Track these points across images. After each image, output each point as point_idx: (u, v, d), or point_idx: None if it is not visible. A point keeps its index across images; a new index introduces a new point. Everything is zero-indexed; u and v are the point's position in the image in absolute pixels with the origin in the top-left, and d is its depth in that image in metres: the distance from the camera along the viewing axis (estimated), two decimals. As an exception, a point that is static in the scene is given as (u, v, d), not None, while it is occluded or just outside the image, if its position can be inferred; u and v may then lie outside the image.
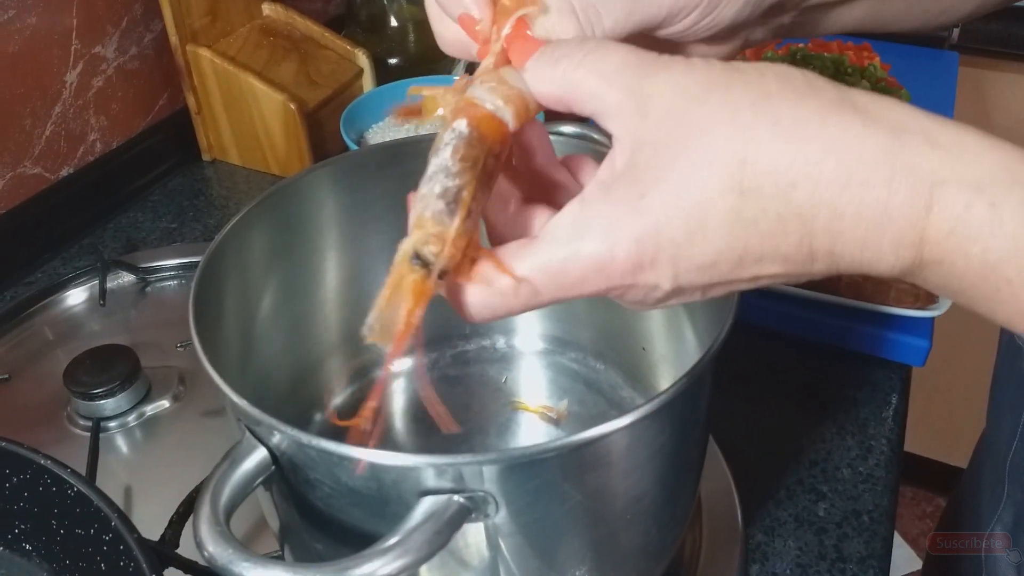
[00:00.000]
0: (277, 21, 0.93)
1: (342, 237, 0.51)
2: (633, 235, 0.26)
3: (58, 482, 0.44)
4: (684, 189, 0.26)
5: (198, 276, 0.39)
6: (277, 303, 0.48)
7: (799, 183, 0.25)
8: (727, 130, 0.26)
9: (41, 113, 0.76)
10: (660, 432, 0.38)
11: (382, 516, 0.34)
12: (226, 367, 0.38)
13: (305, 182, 0.47)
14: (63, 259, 0.77)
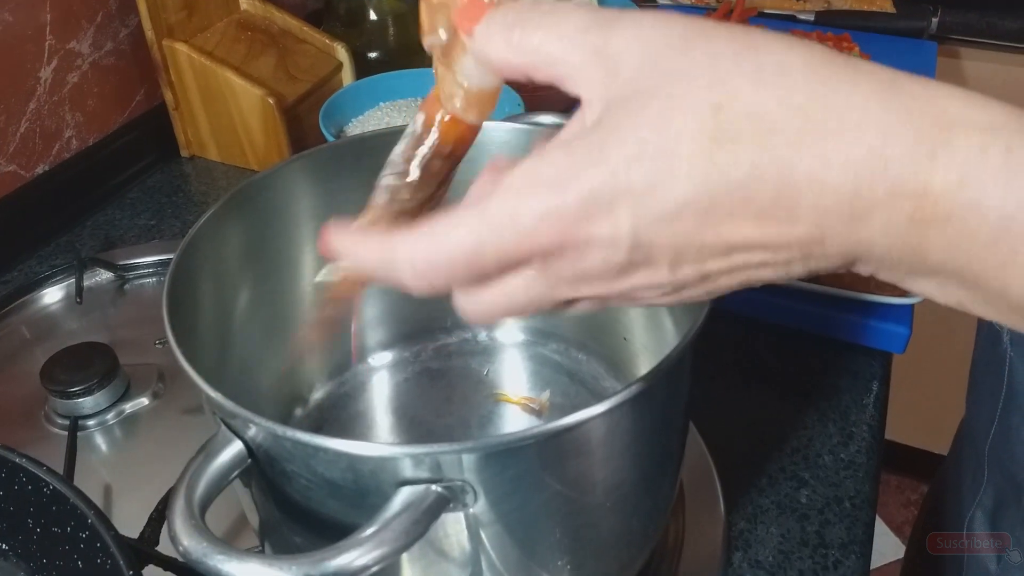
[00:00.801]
0: (255, 15, 0.92)
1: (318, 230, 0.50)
2: (588, 180, 0.24)
3: (34, 480, 0.43)
4: (649, 135, 0.23)
5: (171, 271, 0.38)
6: (254, 298, 0.47)
7: (779, 129, 0.23)
8: (704, 79, 0.23)
9: (15, 110, 0.75)
10: (638, 419, 0.38)
11: (360, 507, 0.34)
12: (202, 363, 0.37)
13: (279, 175, 0.47)
14: (39, 258, 0.76)
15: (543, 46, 0.25)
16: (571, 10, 0.25)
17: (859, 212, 0.23)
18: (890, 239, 0.23)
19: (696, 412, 0.58)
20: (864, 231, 0.23)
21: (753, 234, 0.24)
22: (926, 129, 0.22)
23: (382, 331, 0.58)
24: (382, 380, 0.58)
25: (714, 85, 0.23)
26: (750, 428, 0.61)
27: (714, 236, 0.24)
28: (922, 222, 0.23)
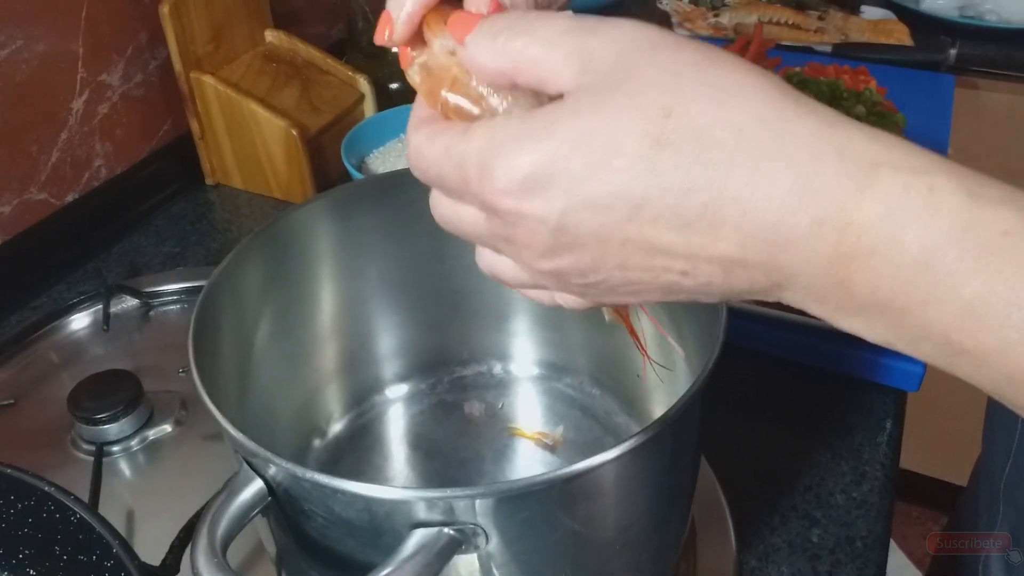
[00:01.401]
0: (280, 47, 0.94)
1: (338, 266, 0.52)
2: (531, 154, 0.25)
3: (61, 509, 0.45)
4: (599, 125, 0.25)
5: (197, 312, 0.40)
6: (274, 333, 0.49)
7: (718, 144, 0.24)
8: (663, 84, 0.25)
9: (47, 140, 0.78)
10: (649, 463, 0.39)
11: (375, 546, 0.35)
12: (224, 399, 0.39)
13: (301, 215, 0.48)
14: (68, 283, 0.78)
15: (526, 48, 0.27)
16: (553, 17, 0.27)
17: (782, 239, 0.24)
18: (814, 270, 0.24)
19: (709, 448, 0.59)
20: (787, 259, 0.24)
21: (676, 241, 0.25)
22: (855, 167, 0.24)
23: (399, 363, 0.59)
24: (399, 412, 0.59)
25: (670, 91, 0.24)
26: (763, 465, 0.61)
27: (638, 234, 0.25)
28: (847, 255, 0.24)
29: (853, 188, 0.23)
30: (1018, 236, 0.23)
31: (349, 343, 0.56)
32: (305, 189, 0.88)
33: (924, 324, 0.24)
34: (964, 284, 0.23)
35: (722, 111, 0.24)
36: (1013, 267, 0.22)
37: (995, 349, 0.23)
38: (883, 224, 0.23)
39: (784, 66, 1.08)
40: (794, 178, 0.24)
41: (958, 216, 0.23)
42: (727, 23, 1.21)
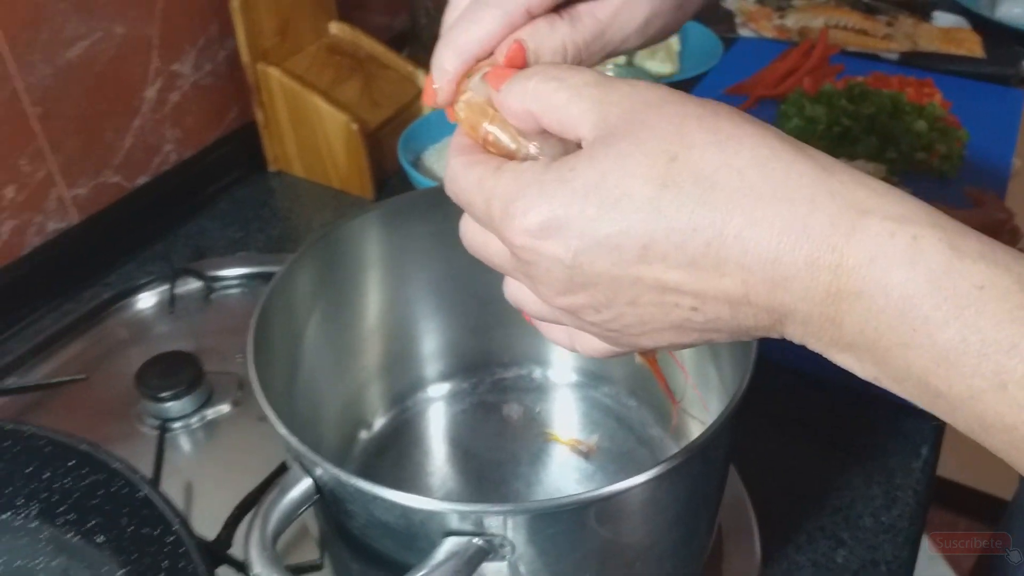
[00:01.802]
0: (343, 40, 0.97)
1: (387, 271, 0.54)
2: (550, 200, 0.28)
3: (129, 485, 0.49)
4: (610, 171, 0.27)
5: (255, 321, 0.43)
6: (325, 332, 0.52)
7: (719, 186, 0.26)
8: (668, 132, 0.27)
9: (122, 126, 0.82)
10: (676, 487, 0.40)
11: (410, 548, 0.37)
12: (277, 396, 0.41)
13: (355, 225, 0.51)
14: (137, 263, 0.83)
15: (554, 94, 0.30)
16: (582, 71, 0.30)
17: (779, 276, 0.26)
18: (809, 307, 0.26)
19: (742, 462, 0.60)
20: (785, 296, 0.26)
21: (684, 279, 0.27)
22: (846, 212, 0.25)
23: (443, 363, 0.62)
24: (441, 410, 0.61)
25: (674, 139, 0.27)
26: (794, 482, 0.62)
27: (648, 272, 0.27)
28: (837, 295, 0.25)
29: (844, 231, 0.25)
30: (992, 290, 0.24)
31: (396, 343, 0.58)
32: (363, 181, 0.90)
33: (905, 365, 0.25)
34: (939, 331, 0.24)
35: (723, 155, 0.27)
36: (985, 319, 0.24)
37: (966, 395, 0.25)
38: (869, 268, 0.25)
39: (847, 75, 1.07)
40: (791, 219, 0.26)
41: (938, 267, 0.24)
42: (792, 25, 1.20)
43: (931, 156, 0.89)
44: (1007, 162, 0.93)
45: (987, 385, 0.24)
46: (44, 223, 0.77)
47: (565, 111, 0.30)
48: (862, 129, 0.91)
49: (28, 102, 0.73)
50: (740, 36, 1.21)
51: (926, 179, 0.89)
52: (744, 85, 1.06)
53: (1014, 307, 0.24)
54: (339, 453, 0.56)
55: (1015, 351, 0.24)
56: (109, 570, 0.48)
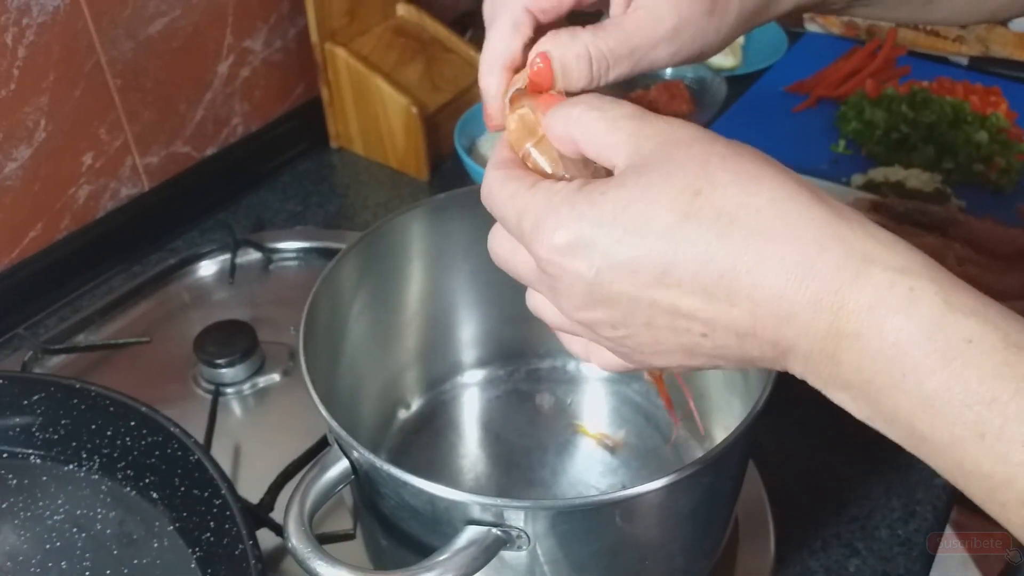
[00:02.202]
0: (409, 22, 0.99)
1: (428, 266, 0.57)
2: (578, 220, 0.30)
3: (184, 448, 0.53)
4: (637, 199, 0.29)
5: (308, 307, 0.46)
6: (368, 321, 0.55)
7: (737, 222, 0.28)
8: (694, 169, 0.29)
9: (194, 99, 0.86)
10: (690, 492, 0.43)
11: (435, 532, 0.41)
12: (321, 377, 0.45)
13: (399, 221, 0.53)
14: (201, 231, 0.87)
15: (594, 123, 0.32)
16: (621, 104, 0.33)
17: (784, 313, 0.28)
18: (810, 344, 0.28)
19: (764, 465, 0.62)
20: (788, 331, 0.28)
21: (697, 306, 0.29)
22: (852, 258, 0.27)
23: (481, 350, 0.65)
24: (477, 394, 0.64)
25: (700, 175, 0.29)
26: (814, 488, 0.64)
27: (664, 296, 0.29)
28: (837, 334, 0.27)
29: (848, 276, 0.27)
30: (980, 345, 0.26)
31: (436, 330, 0.61)
32: (419, 163, 0.93)
33: (894, 407, 0.27)
34: (927, 378, 0.26)
35: (744, 195, 0.29)
36: (970, 372, 0.26)
37: (947, 441, 0.26)
38: (868, 313, 0.27)
39: (912, 78, 1.05)
40: (800, 259, 0.27)
41: (931, 319, 0.26)
42: (860, 22, 1.18)
43: (990, 169, 0.88)
44: (1070, 179, 0.91)
45: (967, 434, 0.26)
46: (118, 189, 0.82)
47: (603, 140, 0.32)
48: (920, 137, 0.90)
49: (110, 75, 0.78)
50: (807, 31, 1.20)
51: (982, 192, 0.88)
52: (805, 83, 1.05)
53: (998, 363, 0.26)
54: (378, 430, 0.59)
55: (995, 404, 0.25)
56: (161, 525, 0.53)
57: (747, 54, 1.12)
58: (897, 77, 1.05)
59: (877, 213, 0.80)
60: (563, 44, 0.35)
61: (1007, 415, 0.25)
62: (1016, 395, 0.25)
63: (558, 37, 0.35)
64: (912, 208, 0.80)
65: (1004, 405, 0.25)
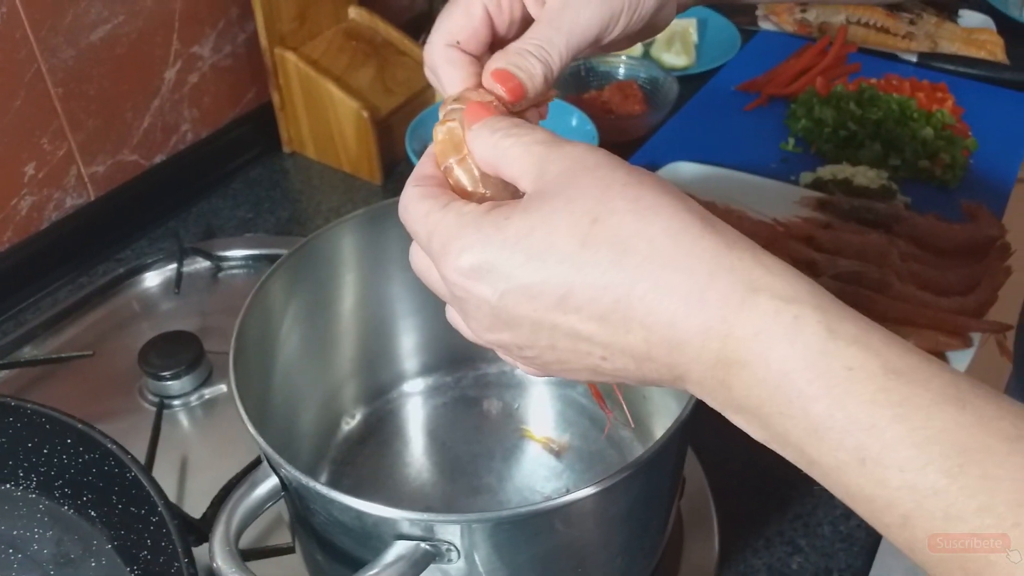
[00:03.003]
0: (361, 25, 0.99)
1: (363, 277, 0.57)
2: (482, 244, 0.30)
3: (120, 465, 0.52)
4: (539, 224, 0.30)
5: (238, 325, 0.46)
6: (302, 335, 0.54)
7: (632, 251, 0.29)
8: (595, 195, 0.30)
9: (141, 106, 0.85)
10: (619, 499, 0.43)
11: (366, 546, 0.41)
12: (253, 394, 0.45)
13: (329, 235, 0.53)
14: (150, 239, 0.86)
15: (510, 149, 0.33)
16: (535, 129, 0.33)
17: (676, 340, 0.29)
18: (702, 370, 0.29)
19: (711, 466, 0.62)
20: (681, 357, 0.29)
21: (595, 331, 0.30)
22: (739, 287, 0.28)
23: (428, 356, 0.65)
24: (424, 401, 0.64)
25: (599, 202, 0.30)
26: (760, 487, 0.64)
27: (564, 321, 0.30)
28: (726, 361, 0.28)
29: (735, 305, 0.28)
30: (860, 372, 0.27)
31: (376, 340, 0.61)
32: (372, 167, 0.93)
33: (784, 432, 0.28)
34: (811, 405, 0.27)
35: (640, 223, 0.29)
36: (851, 398, 0.26)
37: (832, 465, 0.27)
38: (754, 341, 0.28)
39: (862, 75, 1.06)
40: (690, 287, 0.28)
41: (814, 346, 0.27)
42: (813, 20, 1.19)
43: (935, 165, 0.89)
44: (1013, 173, 0.93)
45: (850, 459, 0.27)
46: (63, 199, 0.81)
47: (516, 165, 0.33)
48: (867, 134, 0.91)
49: (50, 83, 0.76)
50: (761, 29, 1.20)
51: (928, 188, 0.89)
52: (756, 82, 1.06)
53: (877, 390, 0.26)
54: (321, 441, 0.59)
55: (874, 430, 0.26)
56: (99, 544, 0.52)
57: (700, 53, 1.13)
58: (847, 75, 1.06)
59: (823, 211, 0.81)
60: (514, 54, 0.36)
61: (885, 441, 0.26)
62: (893, 421, 0.26)
63: (506, 52, 0.36)
64: (858, 205, 0.81)
65: (882, 431, 0.26)
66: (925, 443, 0.25)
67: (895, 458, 0.26)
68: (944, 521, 0.25)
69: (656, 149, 0.94)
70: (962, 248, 0.77)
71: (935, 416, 0.26)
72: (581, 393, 0.64)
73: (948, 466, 0.25)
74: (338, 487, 0.56)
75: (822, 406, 0.27)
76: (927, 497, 0.25)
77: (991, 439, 0.25)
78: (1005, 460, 0.25)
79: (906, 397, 0.26)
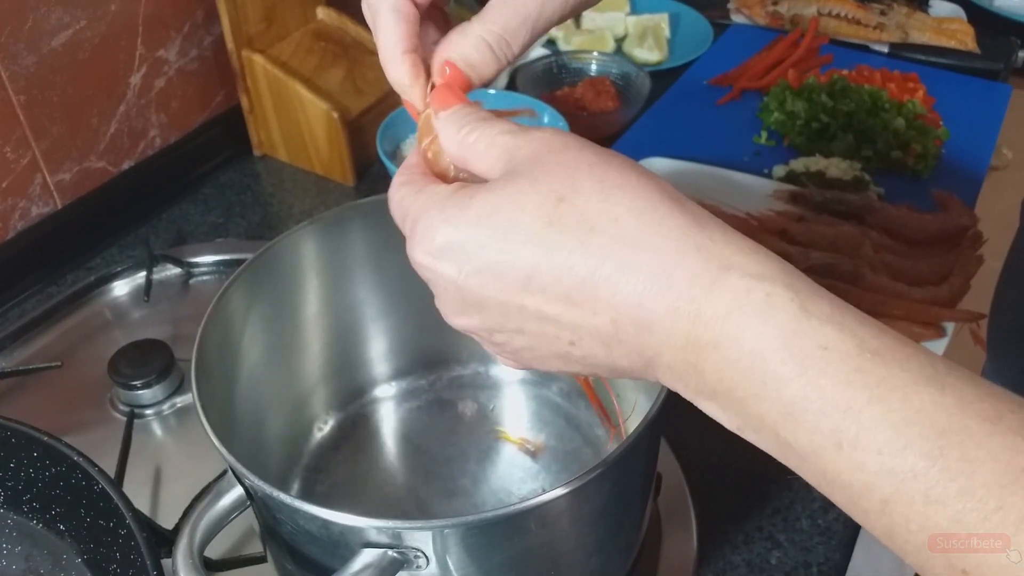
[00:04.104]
0: (330, 25, 0.98)
1: (327, 282, 0.56)
2: (448, 224, 0.30)
3: (87, 478, 0.51)
4: (504, 204, 0.30)
5: (199, 336, 0.45)
6: (265, 344, 0.53)
7: (597, 230, 0.28)
8: (561, 175, 0.30)
9: (107, 112, 0.84)
10: (589, 500, 0.42)
11: (333, 555, 0.40)
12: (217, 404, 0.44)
13: (289, 241, 0.52)
14: (120, 247, 0.85)
15: (476, 143, 0.33)
16: (498, 122, 0.33)
17: (644, 320, 0.28)
18: (672, 353, 0.28)
19: (689, 462, 0.62)
20: (650, 339, 0.28)
21: (561, 312, 0.29)
22: (709, 266, 0.28)
23: (401, 359, 0.64)
24: (398, 405, 0.64)
25: (565, 182, 0.29)
26: (738, 483, 0.64)
27: (531, 302, 0.30)
28: (697, 343, 0.28)
29: (705, 284, 0.27)
30: (835, 352, 0.26)
31: (344, 345, 0.60)
32: (344, 168, 0.92)
33: (758, 415, 0.27)
34: (785, 386, 0.26)
35: (605, 203, 0.29)
36: (826, 379, 0.26)
37: (808, 449, 0.26)
38: (725, 321, 0.27)
39: (834, 67, 1.06)
40: (658, 267, 0.28)
41: (787, 325, 0.26)
42: (785, 12, 1.19)
43: (907, 155, 0.89)
44: (985, 161, 0.93)
45: (826, 442, 0.26)
46: (28, 208, 0.79)
47: (482, 158, 0.32)
48: (840, 126, 0.91)
49: (12, 90, 0.75)
50: (733, 22, 1.20)
51: (900, 178, 0.89)
52: (728, 76, 1.06)
53: (852, 370, 0.26)
54: (293, 448, 0.58)
55: (850, 412, 0.25)
56: (69, 558, 0.51)
57: (673, 48, 1.13)
58: (819, 66, 1.06)
59: (796, 203, 0.81)
60: (457, 43, 0.35)
61: (861, 423, 0.25)
62: (869, 402, 0.25)
63: (450, 39, 0.35)
64: (830, 197, 0.81)
65: (858, 413, 0.25)
66: (903, 424, 0.25)
67: (873, 441, 0.25)
68: (924, 505, 0.25)
69: (629, 145, 0.94)
70: (934, 238, 0.77)
71: (913, 397, 0.25)
72: (556, 392, 0.64)
73: (928, 448, 0.24)
74: (311, 494, 0.56)
75: (796, 387, 0.26)
76: (907, 481, 0.25)
77: (970, 420, 0.25)
78: (985, 441, 0.24)
79: (883, 378, 0.25)
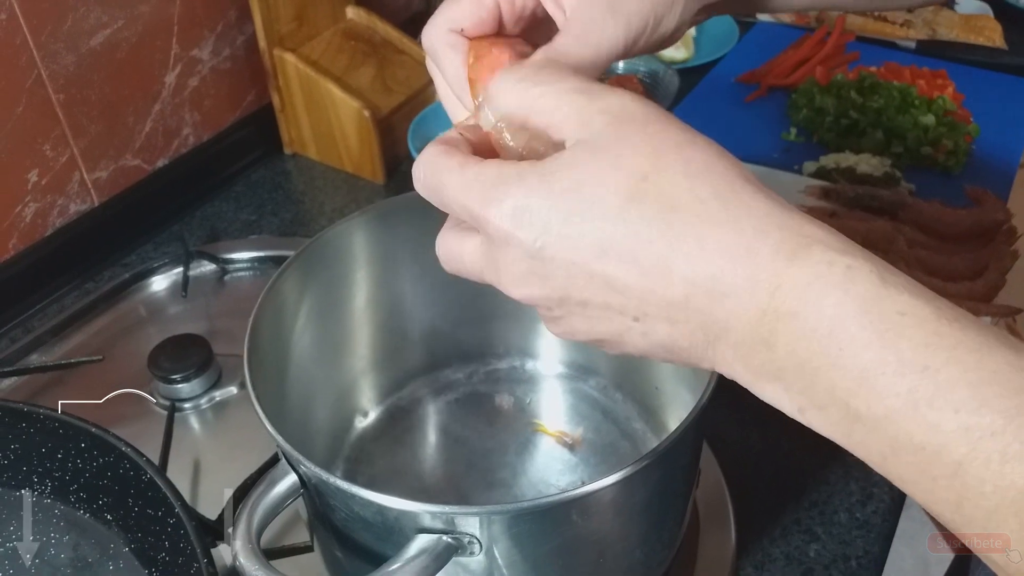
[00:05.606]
0: (359, 25, 0.98)
1: (375, 273, 0.57)
2: (528, 194, 0.30)
3: (135, 468, 0.52)
4: (587, 179, 0.29)
5: (252, 321, 0.45)
6: (315, 333, 0.54)
7: (680, 209, 0.29)
8: (646, 152, 0.29)
9: (143, 111, 0.85)
10: (638, 489, 0.43)
11: (387, 541, 0.40)
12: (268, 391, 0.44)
13: (339, 231, 0.53)
14: (155, 244, 0.86)
15: (541, 98, 0.32)
16: (566, 76, 0.32)
17: (718, 291, 0.28)
18: (745, 325, 0.28)
19: (723, 454, 0.62)
20: (722, 311, 0.29)
21: (631, 283, 0.29)
22: (791, 240, 0.28)
23: (439, 352, 0.64)
24: (435, 397, 0.64)
25: (651, 160, 0.30)
26: (774, 476, 0.64)
27: (601, 271, 0.29)
28: (774, 314, 0.28)
29: (786, 255, 0.28)
30: (912, 318, 0.26)
31: (389, 336, 0.61)
32: (374, 166, 0.93)
33: (830, 387, 0.27)
34: (862, 351, 0.26)
35: (690, 183, 0.29)
36: (903, 342, 0.26)
37: (881, 414, 0.27)
38: (806, 290, 0.27)
39: (861, 63, 1.06)
40: (737, 240, 0.28)
41: (867, 293, 0.27)
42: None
43: (937, 151, 0.89)
44: (1016, 157, 0.93)
45: (900, 404, 0.26)
46: (66, 205, 0.81)
47: (551, 116, 0.32)
48: (869, 122, 0.91)
49: (52, 89, 0.76)
50: (758, 20, 1.20)
51: (931, 174, 0.89)
52: (756, 73, 1.06)
53: (929, 333, 0.26)
54: (335, 440, 0.59)
55: (927, 372, 0.26)
56: (116, 547, 0.52)
57: (699, 46, 1.13)
58: (846, 63, 1.06)
59: (828, 199, 0.81)
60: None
61: (938, 382, 0.26)
62: (947, 363, 0.26)
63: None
64: (862, 193, 0.81)
65: (935, 372, 0.26)
66: (980, 384, 0.25)
67: (950, 399, 0.25)
68: (1000, 464, 0.25)
69: (658, 142, 0.94)
70: (968, 233, 0.77)
71: (988, 359, 0.25)
72: (593, 387, 0.64)
73: (1005, 406, 0.25)
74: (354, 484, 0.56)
75: (874, 351, 0.26)
76: (983, 439, 0.25)
77: None
78: None
79: (959, 340, 0.26)
